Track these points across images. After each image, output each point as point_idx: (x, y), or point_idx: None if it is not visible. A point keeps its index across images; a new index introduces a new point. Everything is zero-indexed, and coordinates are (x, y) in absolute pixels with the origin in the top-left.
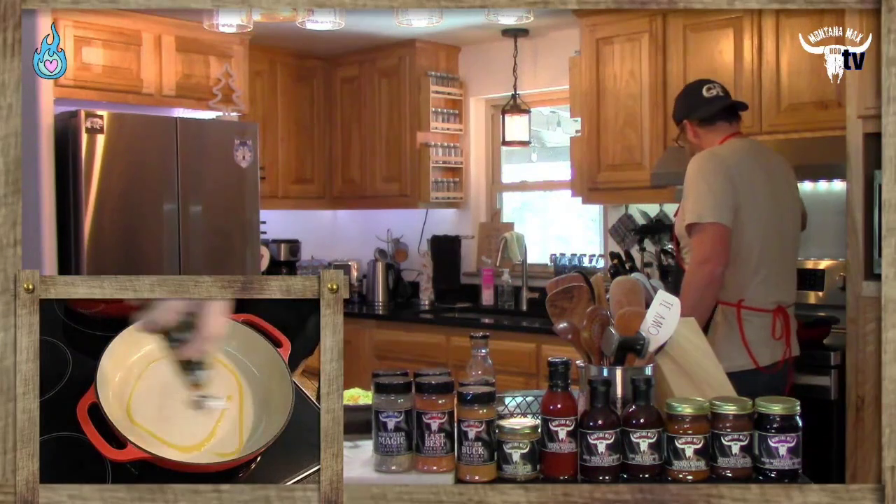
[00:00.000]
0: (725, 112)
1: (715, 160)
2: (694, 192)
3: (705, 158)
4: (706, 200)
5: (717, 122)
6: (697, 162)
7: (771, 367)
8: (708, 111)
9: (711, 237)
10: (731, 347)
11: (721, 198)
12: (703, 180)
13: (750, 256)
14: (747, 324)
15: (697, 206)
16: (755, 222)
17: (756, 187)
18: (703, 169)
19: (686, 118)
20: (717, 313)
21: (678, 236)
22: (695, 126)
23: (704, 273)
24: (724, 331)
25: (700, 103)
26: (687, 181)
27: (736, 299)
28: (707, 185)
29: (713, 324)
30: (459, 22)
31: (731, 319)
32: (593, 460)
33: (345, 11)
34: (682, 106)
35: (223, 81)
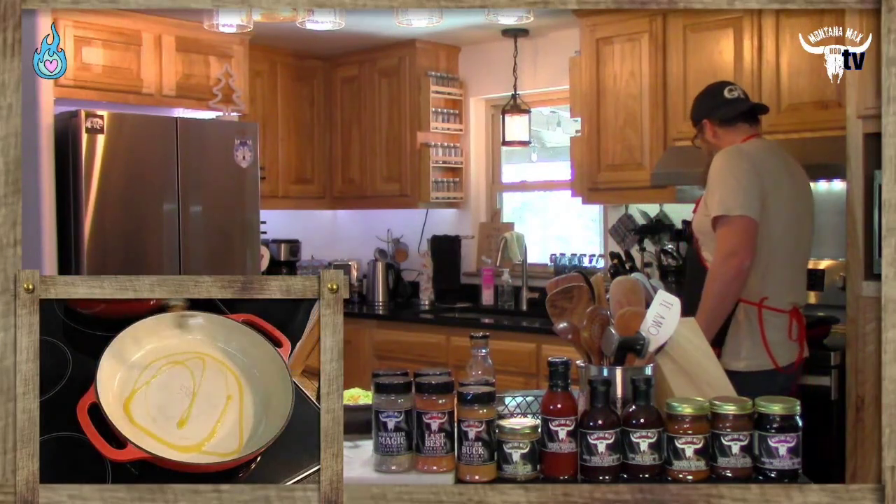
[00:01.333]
0: (746, 114)
1: (742, 155)
2: (721, 185)
3: (732, 154)
4: (735, 193)
5: (737, 123)
6: (724, 157)
7: (787, 368)
8: (730, 112)
9: (739, 230)
10: (753, 346)
11: (749, 191)
12: (730, 174)
13: (773, 255)
14: (767, 324)
15: (726, 198)
16: (779, 220)
17: (780, 186)
18: (731, 163)
19: (707, 118)
20: (739, 311)
21: (698, 233)
22: (715, 126)
23: (732, 266)
24: (745, 329)
25: (721, 103)
26: (712, 175)
27: (758, 298)
28: (735, 179)
29: (735, 322)
30: (459, 22)
31: (752, 318)
32: (593, 460)
33: (345, 11)
34: (703, 105)
35: (223, 81)
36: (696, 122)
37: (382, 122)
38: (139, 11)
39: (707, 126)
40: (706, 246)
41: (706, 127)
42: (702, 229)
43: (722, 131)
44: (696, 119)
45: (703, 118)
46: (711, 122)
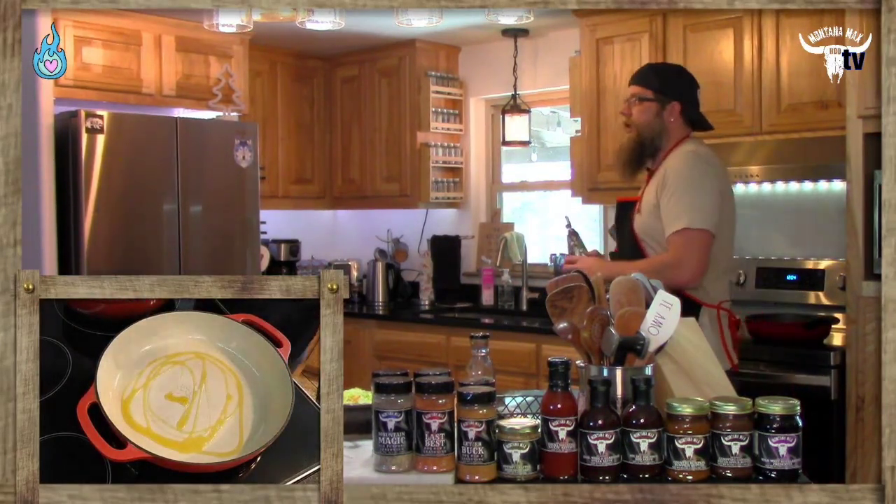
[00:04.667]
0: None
1: (706, 163)
2: (685, 194)
3: (697, 161)
4: (700, 206)
5: (693, 123)
6: (689, 163)
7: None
8: (698, 114)
9: (698, 244)
10: (718, 349)
11: (713, 204)
12: (697, 184)
13: (728, 261)
14: (725, 325)
15: (690, 210)
16: (731, 225)
17: (729, 193)
18: (697, 171)
19: (681, 101)
20: (703, 315)
21: (645, 235)
22: (679, 114)
23: (677, 275)
24: (709, 331)
25: (696, 101)
26: (676, 181)
27: (717, 301)
28: (701, 190)
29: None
30: (459, 22)
31: (714, 321)
32: (593, 460)
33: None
34: (683, 87)
35: (223, 81)
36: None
37: (382, 122)
38: (139, 11)
39: (675, 108)
40: (653, 250)
41: (674, 108)
42: (650, 232)
43: (680, 123)
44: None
45: (678, 99)
46: (682, 107)
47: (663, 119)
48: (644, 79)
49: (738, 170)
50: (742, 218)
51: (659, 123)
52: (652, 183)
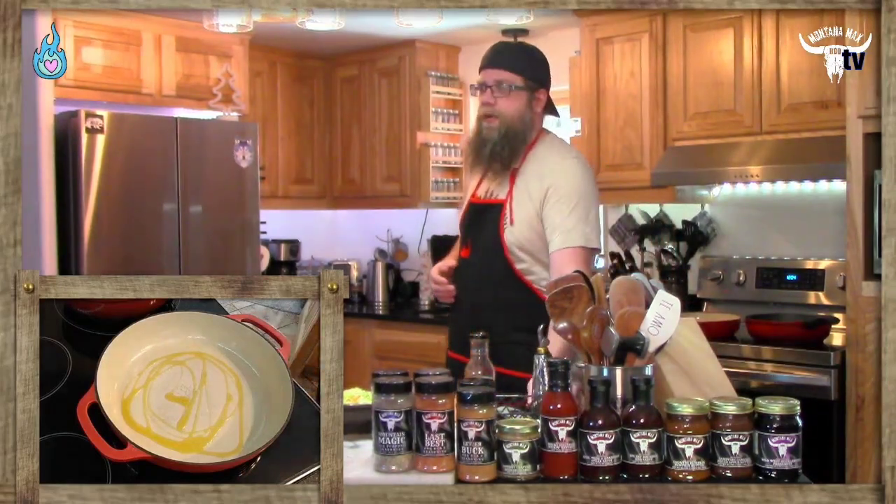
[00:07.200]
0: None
1: (590, 171)
2: (583, 209)
3: (586, 170)
4: (595, 223)
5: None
6: (586, 173)
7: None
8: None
9: (586, 263)
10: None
11: (597, 221)
12: (592, 198)
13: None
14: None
15: (586, 227)
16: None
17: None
18: (591, 184)
19: (546, 88)
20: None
21: (520, 249)
22: (544, 104)
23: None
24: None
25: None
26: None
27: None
28: (594, 205)
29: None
30: (459, 22)
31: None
32: (593, 460)
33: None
34: (547, 72)
35: (223, 81)
36: (535, 83)
37: (382, 122)
38: (139, 11)
39: (543, 96)
40: (524, 263)
41: (541, 96)
42: (526, 246)
43: (541, 114)
44: (542, 85)
45: (545, 87)
46: (548, 96)
47: (532, 110)
48: (512, 62)
49: (738, 170)
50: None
51: (529, 115)
52: (521, 190)
